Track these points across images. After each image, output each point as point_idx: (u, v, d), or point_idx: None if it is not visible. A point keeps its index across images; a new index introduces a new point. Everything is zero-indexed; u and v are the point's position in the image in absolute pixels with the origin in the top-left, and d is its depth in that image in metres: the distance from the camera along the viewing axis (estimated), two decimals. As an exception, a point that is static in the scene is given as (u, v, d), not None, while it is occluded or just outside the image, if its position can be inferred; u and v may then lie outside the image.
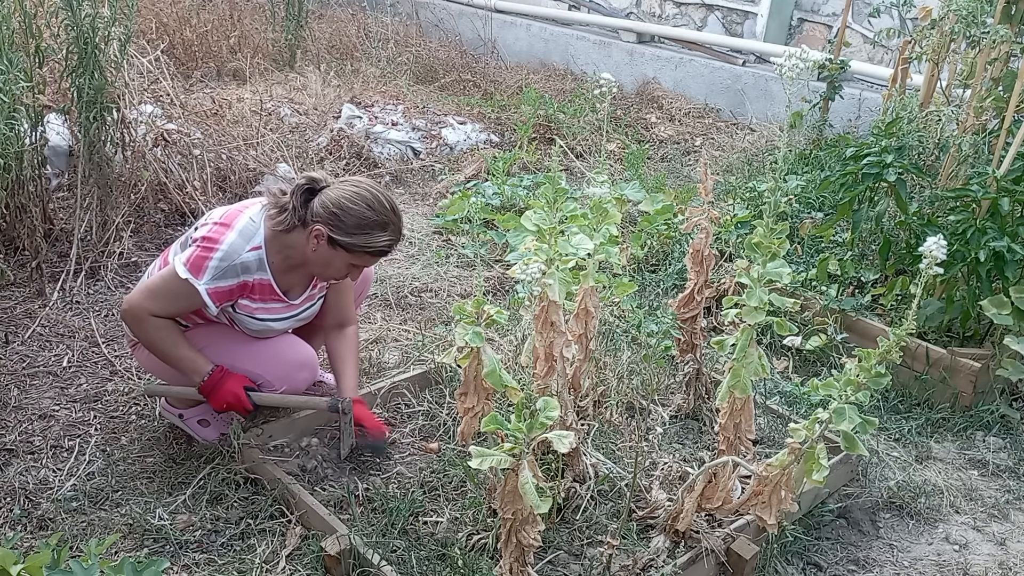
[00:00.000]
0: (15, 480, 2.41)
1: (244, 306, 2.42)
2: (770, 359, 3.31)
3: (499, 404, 2.49)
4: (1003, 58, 3.40)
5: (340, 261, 2.36)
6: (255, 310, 2.44)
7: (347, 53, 6.95)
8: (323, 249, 2.33)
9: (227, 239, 2.32)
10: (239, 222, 2.36)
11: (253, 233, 2.36)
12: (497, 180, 4.60)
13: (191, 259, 2.30)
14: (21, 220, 3.49)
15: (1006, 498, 2.71)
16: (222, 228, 2.34)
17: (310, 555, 2.18)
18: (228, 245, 2.32)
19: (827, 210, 4.21)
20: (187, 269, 2.29)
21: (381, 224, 2.32)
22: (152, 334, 2.38)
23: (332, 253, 2.34)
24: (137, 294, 2.36)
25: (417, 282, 3.80)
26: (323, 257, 2.35)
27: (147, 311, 2.34)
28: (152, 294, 2.35)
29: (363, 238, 2.31)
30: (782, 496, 2.10)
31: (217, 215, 2.40)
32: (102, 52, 3.41)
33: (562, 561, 2.23)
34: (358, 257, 2.36)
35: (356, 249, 2.32)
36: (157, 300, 2.34)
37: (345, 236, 2.30)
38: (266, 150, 4.55)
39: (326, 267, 2.40)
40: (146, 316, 2.34)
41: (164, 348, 2.40)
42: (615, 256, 2.30)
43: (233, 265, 2.32)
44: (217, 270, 2.30)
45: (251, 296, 2.41)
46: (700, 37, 6.88)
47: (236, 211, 2.41)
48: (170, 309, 2.37)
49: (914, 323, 1.82)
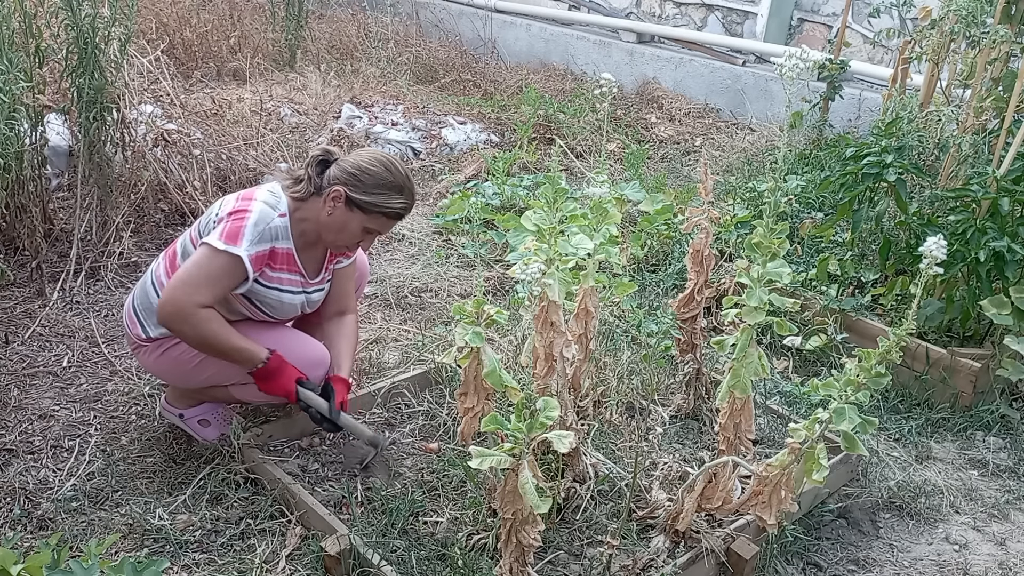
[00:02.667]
0: (15, 480, 2.41)
1: (265, 275, 2.40)
2: (770, 359, 3.31)
3: (499, 404, 2.49)
4: (1003, 58, 3.40)
5: (356, 224, 2.38)
6: (275, 280, 2.42)
7: (347, 53, 6.95)
8: (339, 212, 2.35)
9: (255, 207, 2.33)
10: (260, 194, 2.38)
11: (277, 202, 2.38)
12: (497, 180, 4.60)
13: (225, 232, 2.27)
14: (21, 220, 3.49)
15: (1006, 498, 2.71)
16: (246, 201, 2.35)
17: (310, 555, 2.18)
18: (259, 211, 2.32)
19: (827, 210, 4.21)
20: (224, 241, 2.26)
21: (398, 187, 2.37)
22: (204, 328, 2.27)
23: (348, 215, 2.36)
24: (176, 291, 2.24)
25: (417, 282, 3.80)
26: (338, 220, 2.37)
27: (195, 304, 2.25)
28: (193, 284, 2.25)
29: (381, 198, 2.35)
30: (782, 496, 2.10)
31: (234, 197, 2.40)
32: (102, 52, 3.41)
33: (562, 561, 2.23)
34: (374, 219, 2.38)
35: (373, 210, 2.35)
36: (201, 287, 2.26)
37: (363, 195, 2.34)
38: (266, 150, 4.55)
39: (340, 231, 2.39)
40: (194, 310, 2.25)
41: (218, 341, 2.31)
42: (615, 256, 2.30)
43: (268, 228, 2.33)
44: (254, 234, 2.29)
45: (272, 265, 2.39)
46: (700, 37, 6.88)
47: (252, 190, 2.42)
48: (215, 292, 2.29)
49: (914, 323, 1.82)
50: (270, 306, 2.47)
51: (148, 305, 2.48)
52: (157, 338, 2.47)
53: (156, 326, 2.46)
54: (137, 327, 2.50)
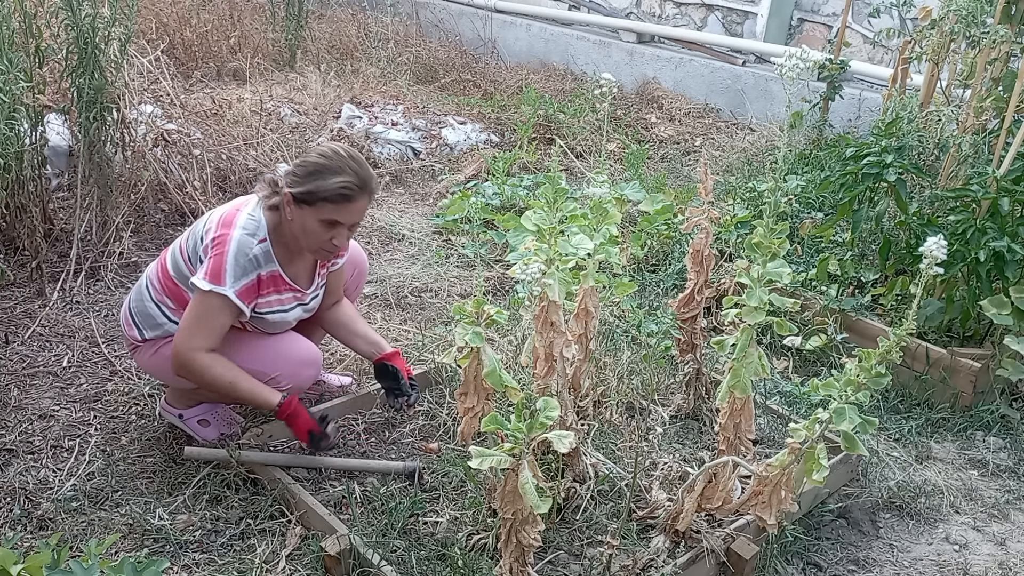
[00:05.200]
0: (15, 480, 2.41)
1: (257, 304, 2.41)
2: (770, 359, 3.30)
3: (499, 404, 2.49)
4: (1003, 58, 3.40)
5: (311, 221, 2.32)
6: (266, 304, 2.43)
7: (347, 53, 6.95)
8: (295, 215, 2.33)
9: (233, 237, 2.32)
10: (239, 220, 2.37)
11: (256, 227, 2.36)
12: (497, 180, 4.60)
13: (208, 271, 2.30)
14: (21, 220, 3.49)
15: (1006, 498, 2.71)
16: (224, 231, 2.34)
17: (310, 555, 2.18)
18: (236, 243, 2.32)
19: (827, 210, 4.21)
20: (208, 281, 2.28)
21: (334, 169, 2.30)
22: (208, 375, 2.32)
23: (300, 214, 2.32)
24: (177, 340, 2.31)
25: (417, 282, 3.80)
26: (298, 224, 2.34)
27: (193, 349, 2.29)
28: (189, 330, 2.30)
29: (316, 183, 2.28)
30: (782, 496, 2.10)
31: (216, 221, 2.39)
32: (102, 52, 3.41)
33: (562, 561, 2.23)
34: (322, 209, 2.30)
35: (314, 199, 2.29)
36: (195, 332, 2.30)
37: (301, 187, 2.29)
38: (266, 150, 4.55)
39: (307, 235, 2.35)
40: (194, 355, 2.29)
41: (224, 386, 2.35)
42: (615, 256, 2.30)
43: (249, 260, 2.32)
44: (236, 268, 2.30)
45: (262, 292, 2.40)
46: (700, 37, 6.88)
47: (233, 211, 2.41)
48: (213, 332, 2.31)
49: (914, 323, 1.82)
50: (271, 324, 2.50)
51: (143, 308, 2.50)
52: (152, 339, 2.49)
53: (152, 328, 2.49)
54: (133, 330, 2.53)
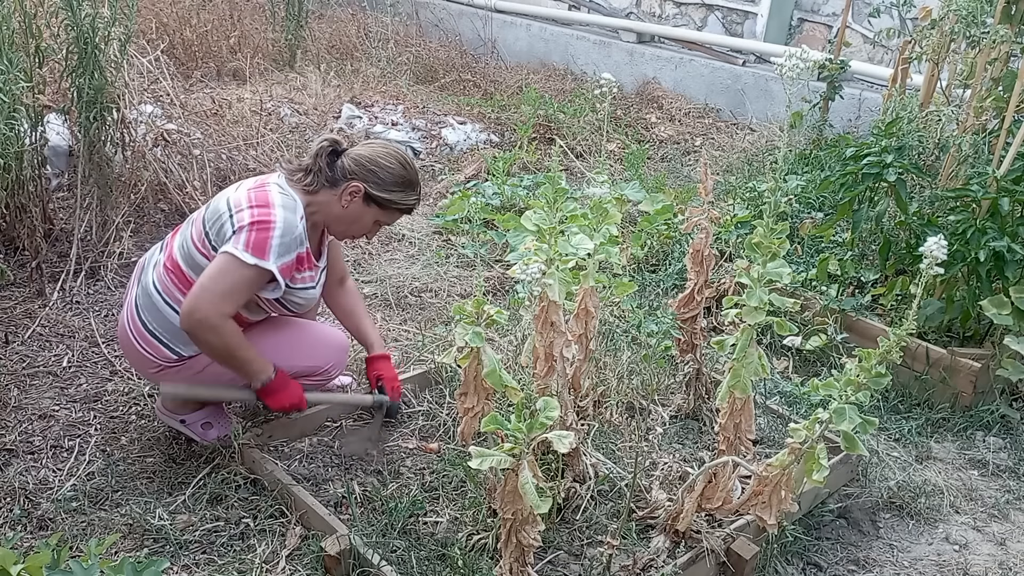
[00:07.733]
0: (15, 480, 2.41)
1: (293, 279, 2.38)
2: (770, 359, 3.31)
3: (499, 404, 2.49)
4: (1003, 58, 3.40)
5: (369, 218, 2.45)
6: (300, 280, 2.41)
7: (347, 53, 6.95)
8: (355, 206, 2.41)
9: (278, 215, 2.27)
10: (275, 198, 2.31)
11: (295, 205, 2.34)
12: (497, 180, 4.60)
13: (252, 243, 2.22)
14: (21, 220, 3.49)
15: (1006, 498, 2.71)
16: (265, 209, 2.28)
17: (310, 555, 2.18)
18: (283, 221, 2.27)
19: (827, 210, 4.21)
20: (251, 254, 2.22)
21: (412, 183, 2.45)
22: (228, 339, 2.27)
23: (364, 210, 2.43)
24: (201, 301, 2.20)
25: (417, 282, 3.80)
26: (353, 214, 2.42)
27: (222, 314, 2.23)
28: (220, 293, 2.21)
29: (399, 195, 2.43)
30: (782, 496, 2.10)
31: (244, 196, 2.32)
32: (102, 52, 3.41)
33: (562, 561, 2.23)
34: (388, 214, 2.46)
35: (390, 206, 2.43)
36: (227, 298, 2.23)
37: (382, 192, 2.40)
38: (266, 150, 4.55)
39: (352, 224, 2.46)
40: (222, 320, 2.23)
41: (236, 352, 2.30)
42: (615, 256, 2.30)
43: (293, 239, 2.30)
44: (281, 246, 2.26)
45: (300, 268, 2.38)
46: (700, 37, 6.88)
47: (262, 188, 2.34)
48: (239, 303, 2.28)
49: (914, 323, 1.82)
50: (298, 304, 2.48)
51: (166, 324, 2.39)
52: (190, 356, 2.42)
53: (187, 344, 2.38)
54: (162, 349, 2.41)
